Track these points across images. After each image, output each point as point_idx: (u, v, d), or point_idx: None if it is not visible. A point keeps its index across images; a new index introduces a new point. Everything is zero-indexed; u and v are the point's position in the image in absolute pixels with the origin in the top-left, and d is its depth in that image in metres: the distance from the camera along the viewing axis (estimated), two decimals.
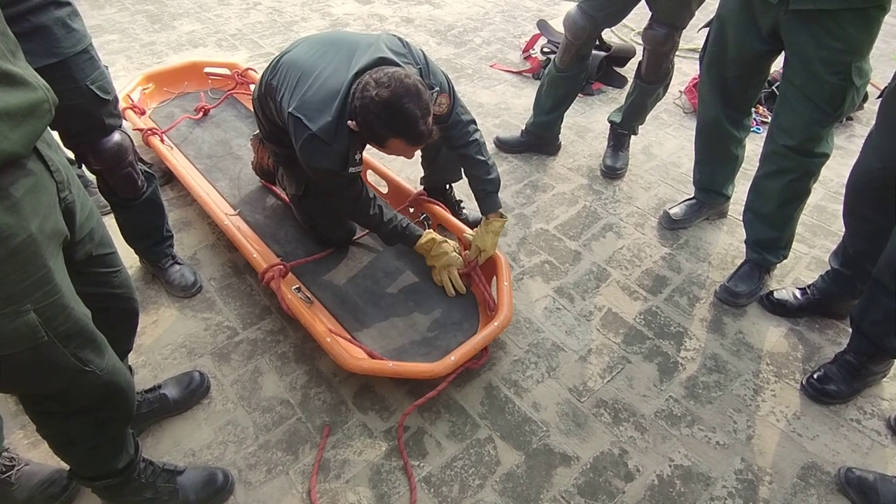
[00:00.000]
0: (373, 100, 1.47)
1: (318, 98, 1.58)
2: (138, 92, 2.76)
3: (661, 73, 2.37)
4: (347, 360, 1.60)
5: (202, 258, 2.18)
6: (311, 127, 1.56)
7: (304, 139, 1.59)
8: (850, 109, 1.69)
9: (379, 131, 1.53)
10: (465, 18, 4.10)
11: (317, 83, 1.61)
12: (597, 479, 1.53)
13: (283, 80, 1.69)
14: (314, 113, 1.57)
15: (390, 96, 1.47)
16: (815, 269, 2.13)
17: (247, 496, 1.48)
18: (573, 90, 2.55)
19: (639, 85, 2.44)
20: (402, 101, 1.47)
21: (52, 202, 0.92)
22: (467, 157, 1.86)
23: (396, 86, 1.47)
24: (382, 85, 1.48)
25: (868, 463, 1.57)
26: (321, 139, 1.57)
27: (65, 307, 0.94)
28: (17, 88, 0.82)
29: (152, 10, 4.11)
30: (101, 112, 1.54)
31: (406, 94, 1.47)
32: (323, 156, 1.60)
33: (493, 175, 1.88)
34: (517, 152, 2.74)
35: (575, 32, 2.30)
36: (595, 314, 1.98)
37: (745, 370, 1.81)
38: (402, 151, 1.63)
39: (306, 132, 1.57)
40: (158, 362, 1.80)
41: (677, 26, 2.22)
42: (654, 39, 2.26)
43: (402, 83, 1.48)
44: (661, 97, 2.50)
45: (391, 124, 1.50)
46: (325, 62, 1.65)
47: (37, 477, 1.42)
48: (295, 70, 1.68)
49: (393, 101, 1.47)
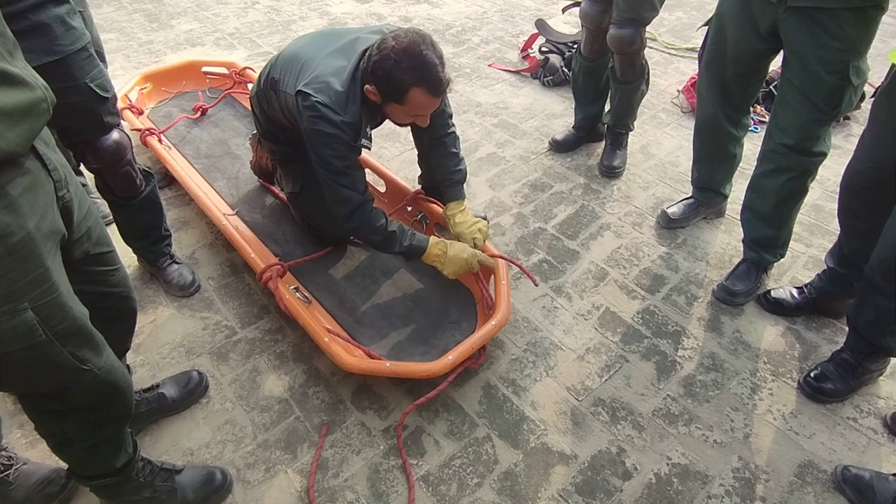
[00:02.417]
0: (393, 48, 1.53)
1: (326, 73, 1.61)
2: (136, 92, 2.75)
3: (636, 72, 2.36)
4: (345, 359, 1.60)
5: (200, 257, 2.18)
6: (321, 99, 1.57)
7: (312, 112, 1.59)
8: (847, 108, 1.69)
9: (401, 80, 1.54)
10: (464, 18, 4.10)
11: (322, 64, 1.63)
12: (595, 477, 1.54)
13: (285, 71, 1.71)
14: (322, 86, 1.59)
15: (409, 44, 1.53)
16: (812, 269, 2.14)
17: (245, 495, 1.49)
18: (609, 75, 2.55)
19: (619, 88, 2.44)
20: (421, 48, 1.53)
21: (49, 201, 0.93)
22: (442, 145, 1.94)
23: (414, 36, 1.54)
24: (400, 38, 1.54)
25: (864, 461, 1.58)
26: (332, 108, 1.58)
27: (62, 306, 0.94)
28: (16, 88, 0.83)
29: (150, 8, 4.10)
30: (100, 110, 1.55)
31: (423, 42, 1.54)
32: (332, 124, 1.59)
33: (462, 167, 1.99)
34: (573, 149, 2.77)
35: (594, 21, 2.33)
36: (593, 313, 1.98)
37: (743, 369, 1.82)
38: (421, 107, 1.63)
39: (315, 104, 1.58)
40: (157, 361, 1.80)
41: (641, 22, 2.18)
42: (620, 41, 2.21)
43: (418, 34, 1.55)
44: (645, 92, 2.49)
45: (412, 71, 1.53)
46: (328, 49, 1.67)
47: (35, 476, 1.42)
48: (297, 60, 1.70)
49: (412, 48, 1.52)
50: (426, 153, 2.10)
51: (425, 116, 1.69)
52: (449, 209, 1.97)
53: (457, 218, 1.95)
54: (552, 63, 3.27)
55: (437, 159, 1.98)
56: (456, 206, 1.97)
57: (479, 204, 2.45)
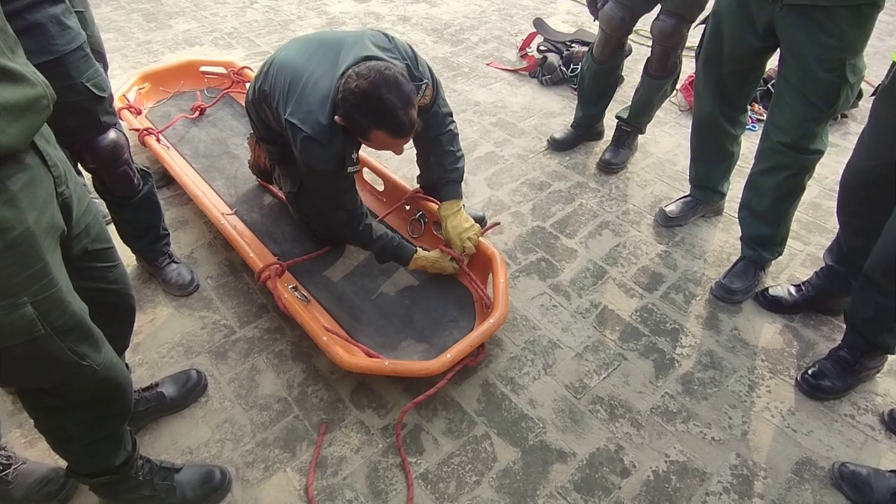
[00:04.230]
0: (353, 91, 1.50)
1: (310, 101, 1.60)
2: (134, 91, 2.75)
3: (668, 68, 2.38)
4: (344, 358, 1.60)
5: (199, 257, 2.18)
6: (307, 130, 1.58)
7: (301, 143, 1.61)
8: (844, 106, 1.70)
9: (360, 122, 1.54)
10: (462, 17, 4.10)
11: (308, 86, 1.62)
12: (593, 475, 1.54)
13: (275, 85, 1.70)
14: (307, 116, 1.59)
15: (369, 87, 1.49)
16: (809, 266, 2.14)
17: (244, 493, 1.49)
18: (615, 79, 2.61)
19: (646, 80, 2.45)
20: (381, 92, 1.49)
21: (49, 196, 0.93)
22: (438, 144, 1.93)
23: (375, 77, 1.49)
24: (362, 77, 1.50)
25: (862, 458, 1.58)
26: (317, 141, 1.59)
27: (62, 301, 0.94)
28: (17, 84, 0.83)
29: (148, 8, 4.10)
30: (96, 109, 1.54)
31: (385, 84, 1.49)
32: (319, 158, 1.62)
33: (459, 165, 1.96)
34: (571, 147, 2.79)
35: (612, 25, 2.34)
36: (591, 311, 1.99)
37: (741, 366, 1.82)
38: (388, 145, 1.63)
39: (302, 135, 1.59)
40: (155, 361, 1.80)
41: (686, 18, 2.21)
42: (662, 31, 2.26)
43: (381, 74, 1.50)
44: (668, 94, 2.51)
45: (371, 115, 1.52)
46: (314, 64, 1.66)
47: (34, 475, 1.42)
48: (285, 74, 1.69)
49: (372, 92, 1.48)
50: (424, 152, 2.11)
51: (397, 149, 1.70)
52: (443, 209, 1.95)
53: (449, 221, 1.93)
54: (550, 62, 3.27)
55: (434, 157, 1.97)
56: (451, 207, 1.94)
57: (477, 202, 2.45)
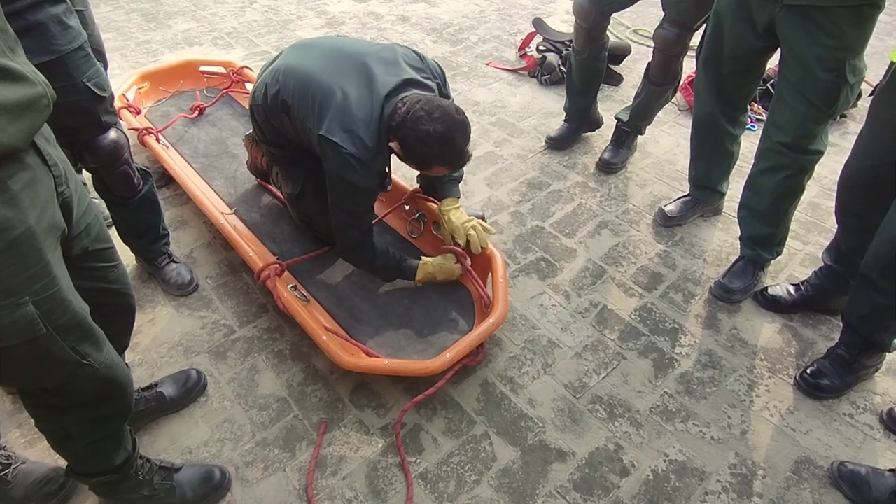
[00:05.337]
0: (429, 134, 1.56)
1: (354, 121, 1.62)
2: (134, 91, 2.75)
3: (669, 75, 2.38)
4: (343, 358, 1.60)
5: (198, 257, 2.18)
6: (351, 149, 1.61)
7: (342, 161, 1.63)
8: (844, 106, 1.70)
9: (426, 157, 1.65)
10: (461, 16, 4.10)
11: (347, 106, 1.63)
12: (592, 474, 1.54)
13: (297, 97, 1.70)
14: (350, 136, 1.61)
15: (444, 132, 1.57)
16: (808, 266, 2.15)
17: (244, 493, 1.49)
18: (597, 70, 2.61)
19: (647, 86, 2.45)
20: (454, 136, 1.60)
21: (49, 196, 0.93)
22: None
23: (449, 123, 1.58)
24: (436, 120, 1.57)
25: (860, 457, 1.58)
26: (363, 161, 1.63)
27: (63, 300, 0.95)
28: (17, 83, 0.83)
29: (147, 8, 4.10)
30: (97, 109, 1.54)
31: (457, 129, 1.60)
32: (362, 176, 1.66)
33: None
34: (569, 143, 2.79)
35: (582, 15, 2.38)
36: (590, 311, 1.99)
37: (740, 366, 1.82)
38: (439, 173, 1.79)
39: (345, 153, 1.61)
40: (155, 360, 1.80)
41: (689, 27, 2.22)
42: (665, 39, 2.27)
43: (453, 120, 1.59)
44: (669, 99, 2.52)
45: (443, 157, 1.64)
46: (343, 79, 1.67)
47: (33, 475, 1.42)
48: (309, 86, 1.68)
49: (448, 137, 1.59)
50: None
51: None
52: (443, 205, 1.97)
53: (450, 215, 1.95)
54: (550, 61, 3.27)
55: None
56: (450, 203, 1.97)
57: (476, 202, 2.45)
